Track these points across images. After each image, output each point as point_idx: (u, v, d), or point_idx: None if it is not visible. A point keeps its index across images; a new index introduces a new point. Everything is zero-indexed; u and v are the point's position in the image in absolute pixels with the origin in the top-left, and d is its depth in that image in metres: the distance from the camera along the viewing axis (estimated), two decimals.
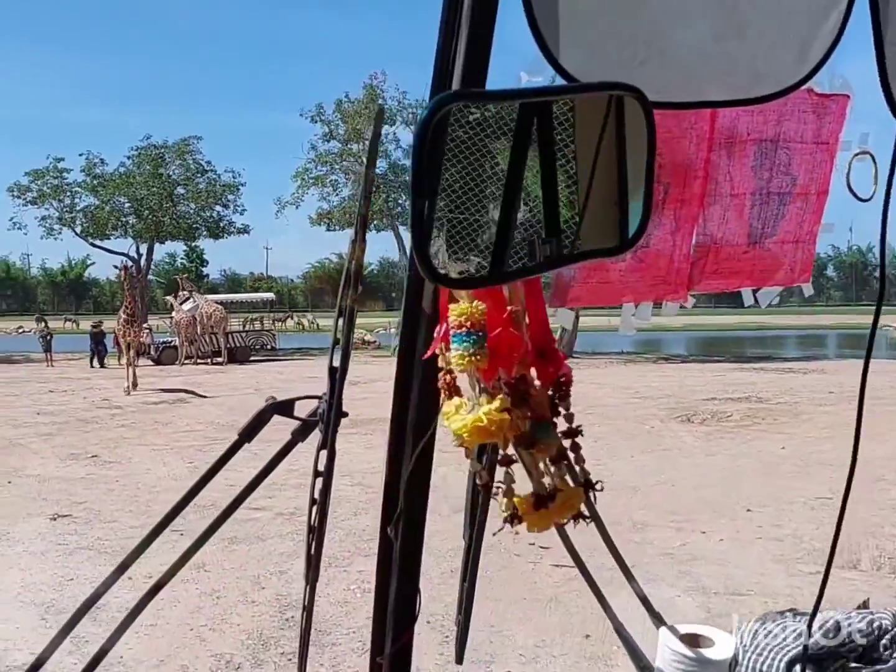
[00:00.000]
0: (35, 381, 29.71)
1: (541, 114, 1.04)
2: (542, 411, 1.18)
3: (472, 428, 1.08)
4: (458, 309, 1.09)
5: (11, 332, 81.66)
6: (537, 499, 1.16)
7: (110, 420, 18.96)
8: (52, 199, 43.88)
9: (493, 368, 1.13)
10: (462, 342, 1.09)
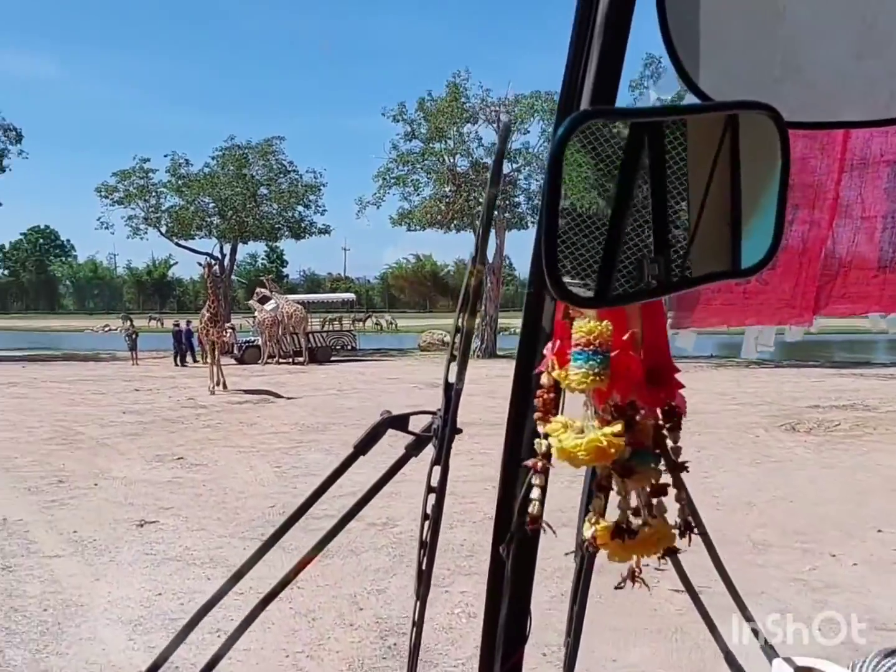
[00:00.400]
0: (120, 379, 29.99)
1: (652, 133, 1.03)
2: (644, 439, 1.13)
3: (591, 448, 1.05)
4: (587, 327, 1.06)
5: (98, 330, 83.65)
6: (616, 529, 1.11)
7: (195, 420, 18.81)
8: (139, 199, 44.42)
9: (609, 391, 1.09)
10: (587, 360, 1.06)
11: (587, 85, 1.16)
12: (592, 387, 1.06)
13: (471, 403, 21.86)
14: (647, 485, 1.12)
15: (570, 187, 1.03)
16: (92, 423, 18.27)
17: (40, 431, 16.98)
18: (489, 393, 20.45)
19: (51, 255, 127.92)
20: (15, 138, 42.92)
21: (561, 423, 1.11)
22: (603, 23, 1.12)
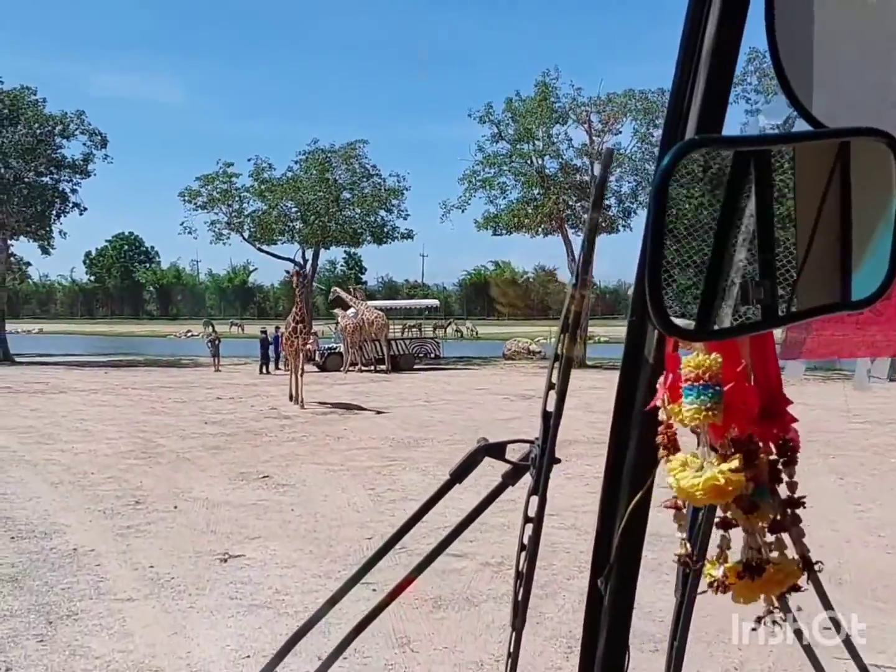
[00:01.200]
0: (202, 386, 29.34)
1: (758, 160, 1.01)
2: (762, 475, 1.09)
3: (708, 487, 1.02)
4: (695, 361, 1.04)
5: (181, 335, 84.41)
6: (745, 568, 1.08)
7: (280, 432, 17.82)
8: (222, 203, 43.98)
9: (725, 425, 1.06)
10: (699, 395, 1.03)
11: (693, 112, 1.13)
12: (706, 422, 1.04)
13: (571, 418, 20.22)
14: (766, 521, 1.09)
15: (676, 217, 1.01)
16: (172, 434, 17.42)
17: (119, 443, 16.15)
18: (586, 407, 19.16)
19: (135, 261, 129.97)
20: (100, 143, 42.91)
21: (681, 460, 1.08)
22: (710, 49, 1.10)
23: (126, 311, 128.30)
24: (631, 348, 1.28)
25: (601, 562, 1.34)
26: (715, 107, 1.13)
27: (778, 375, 1.14)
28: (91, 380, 31.98)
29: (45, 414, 20.79)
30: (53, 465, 13.86)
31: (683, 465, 1.07)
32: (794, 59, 1.04)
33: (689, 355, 1.05)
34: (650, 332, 1.23)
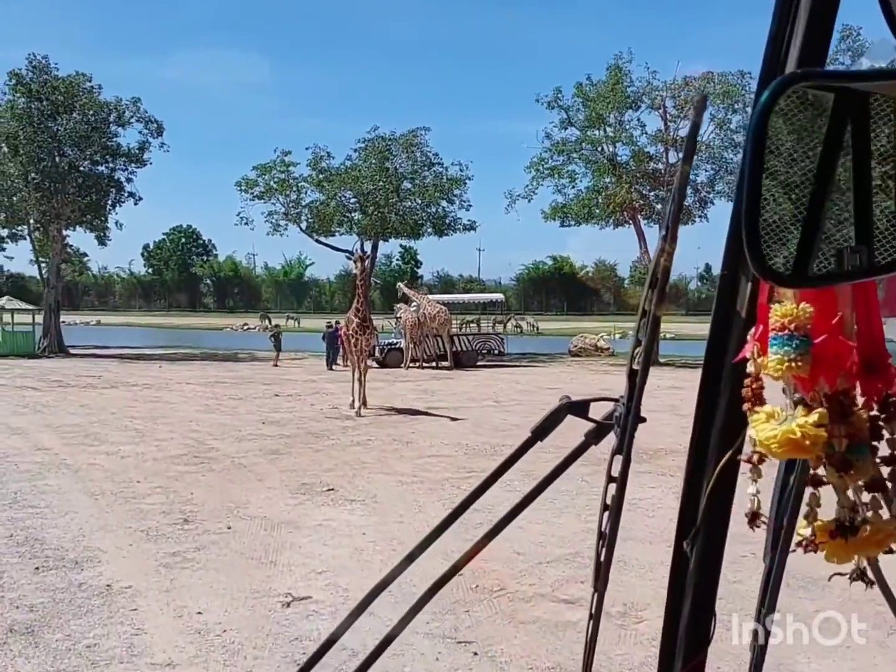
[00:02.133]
0: (259, 381, 28.05)
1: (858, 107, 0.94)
2: (861, 431, 1.05)
3: (783, 440, 1.00)
4: (782, 310, 1.01)
5: (237, 329, 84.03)
6: (837, 527, 1.04)
7: (342, 435, 16.33)
8: (279, 193, 42.61)
9: (813, 378, 1.02)
10: (783, 346, 1.01)
11: (793, 47, 1.06)
12: (789, 374, 1.02)
13: (658, 422, 17.74)
14: (866, 479, 1.05)
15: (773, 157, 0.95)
16: (227, 435, 16.04)
17: (170, 445, 14.81)
18: (673, 409, 17.40)
19: (192, 254, 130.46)
20: (156, 130, 41.80)
21: (766, 412, 1.05)
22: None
23: (183, 303, 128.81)
24: (722, 302, 1.23)
25: (687, 524, 1.28)
26: (817, 42, 1.06)
27: (881, 329, 1.09)
28: (145, 374, 30.92)
29: (94, 410, 19.60)
30: (97, 470, 12.52)
31: (768, 418, 1.03)
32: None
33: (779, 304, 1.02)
34: (743, 284, 1.18)
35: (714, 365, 1.23)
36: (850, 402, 1.05)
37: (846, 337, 1.05)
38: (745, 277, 1.15)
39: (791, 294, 1.02)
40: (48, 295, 42.28)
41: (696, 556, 1.28)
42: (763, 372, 1.05)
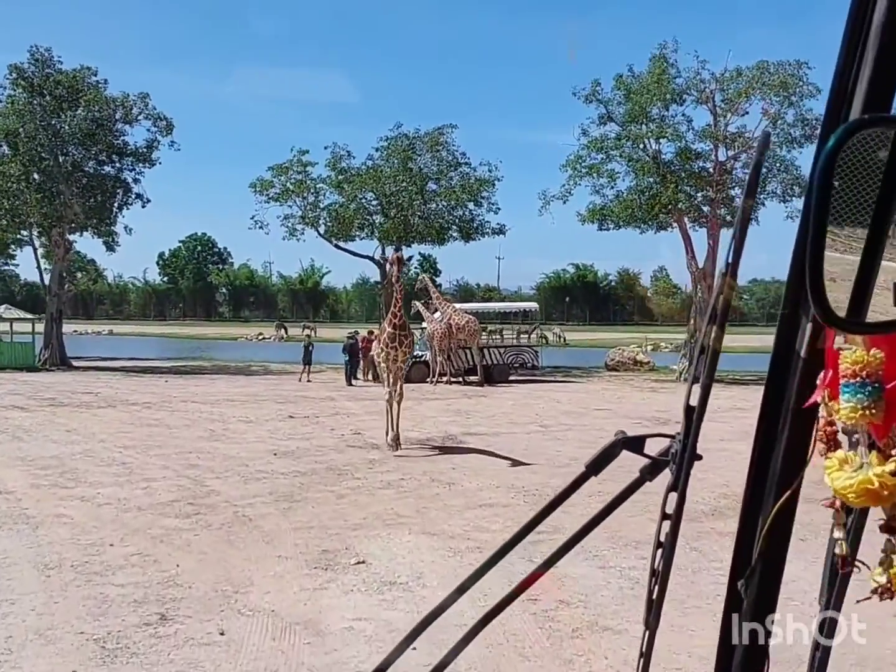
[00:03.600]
0: (272, 399, 25.35)
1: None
2: None
3: (860, 489, 0.99)
4: (853, 356, 1.01)
5: (252, 338, 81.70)
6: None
7: (369, 472, 13.59)
8: (296, 195, 39.69)
9: (887, 424, 1.02)
10: (856, 393, 1.00)
11: (859, 91, 1.07)
12: (863, 422, 1.01)
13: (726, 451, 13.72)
14: None
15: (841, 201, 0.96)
16: (231, 472, 13.38)
17: (161, 487, 12.14)
18: (742, 435, 14.61)
19: (208, 262, 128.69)
20: (165, 128, 39.09)
21: (839, 458, 1.05)
22: (881, 22, 1.04)
23: (199, 312, 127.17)
24: (782, 342, 1.24)
25: (742, 563, 1.30)
26: (883, 86, 1.07)
27: None
28: (148, 390, 28.28)
29: (81, 437, 16.94)
30: (62, 526, 9.85)
31: (841, 464, 1.03)
32: None
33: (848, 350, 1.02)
34: (803, 324, 1.18)
35: (773, 405, 1.24)
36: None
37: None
38: (805, 317, 1.14)
39: (860, 339, 1.02)
40: (50, 303, 39.69)
41: (750, 596, 1.28)
42: (836, 419, 1.04)
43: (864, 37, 1.05)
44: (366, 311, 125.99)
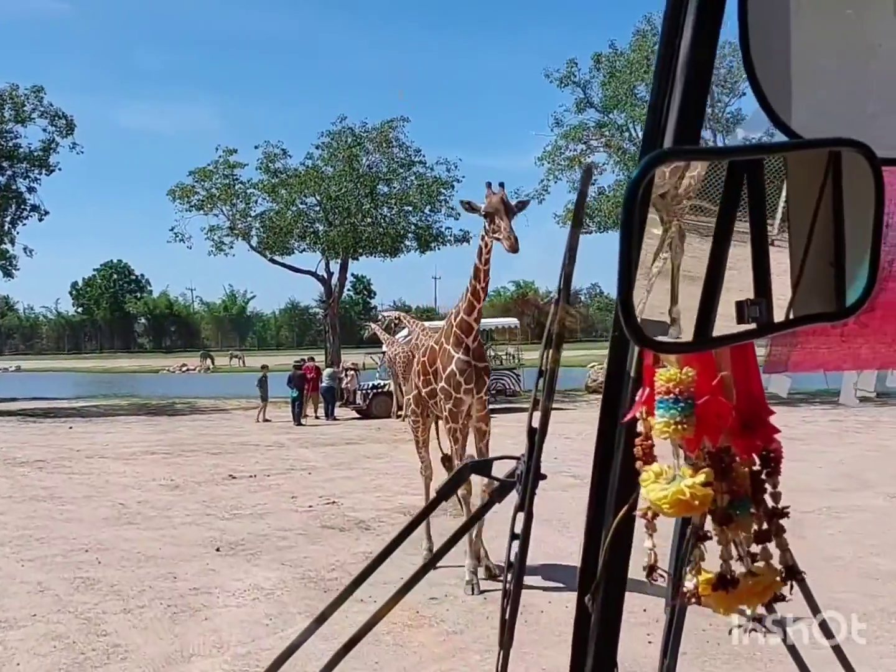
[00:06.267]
0: (204, 450, 19.82)
1: (751, 172, 1.04)
2: (742, 487, 1.12)
3: (673, 500, 1.04)
4: (667, 374, 1.05)
5: (175, 370, 76.15)
6: (718, 580, 1.09)
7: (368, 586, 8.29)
8: (222, 202, 34.13)
9: (698, 438, 1.08)
10: (669, 409, 1.05)
11: (670, 123, 1.14)
12: (676, 436, 1.06)
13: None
14: (748, 532, 1.12)
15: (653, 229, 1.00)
16: (150, 598, 8.06)
17: (16, 647, 6.75)
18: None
19: (125, 291, 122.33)
20: (65, 129, 33.14)
21: (654, 471, 1.09)
22: (685, 62, 1.12)
23: (117, 344, 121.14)
24: (614, 362, 1.30)
25: (588, 579, 1.34)
26: (690, 119, 1.14)
27: (760, 387, 1.16)
28: (45, 441, 22.37)
29: None
30: None
31: (656, 477, 1.07)
32: (771, 72, 1.05)
33: (663, 369, 1.06)
34: (632, 346, 1.24)
35: (608, 423, 1.29)
36: (731, 459, 1.10)
37: (726, 397, 1.09)
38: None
39: (674, 358, 1.06)
40: None
41: (597, 611, 1.33)
42: (649, 432, 1.09)
43: (672, 72, 1.11)
44: (296, 337, 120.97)
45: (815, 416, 22.53)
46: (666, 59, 1.13)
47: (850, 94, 1.13)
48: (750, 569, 1.09)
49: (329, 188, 33.61)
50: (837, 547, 8.77)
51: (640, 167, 0.92)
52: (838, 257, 1.04)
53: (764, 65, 1.04)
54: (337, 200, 33.54)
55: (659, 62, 1.14)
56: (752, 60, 1.04)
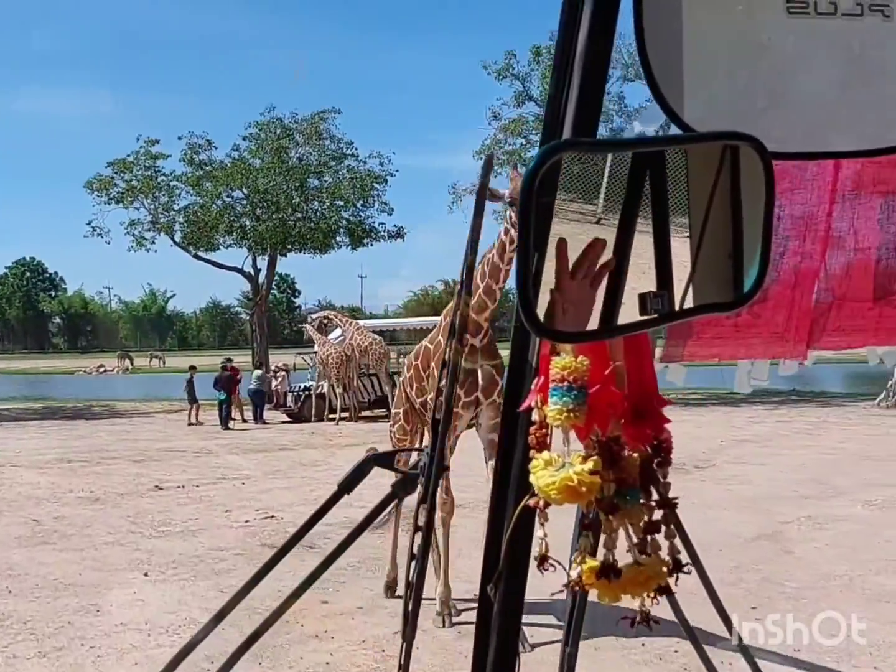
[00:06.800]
0: (127, 456, 18.54)
1: (654, 164, 1.05)
2: (630, 476, 1.12)
3: (561, 487, 1.04)
4: (562, 363, 1.05)
5: (92, 371, 73.85)
6: (602, 569, 1.09)
7: (349, 631, 7.37)
8: (144, 195, 32.52)
9: (588, 426, 1.08)
10: (562, 397, 1.05)
11: (568, 115, 1.15)
12: (568, 423, 1.06)
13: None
14: (635, 522, 1.11)
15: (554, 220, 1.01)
16: (64, 627, 7.09)
17: None
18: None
19: (38, 289, 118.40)
20: None
21: (545, 459, 1.09)
22: (583, 53, 1.12)
23: (30, 344, 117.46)
24: (517, 353, 1.29)
25: (491, 568, 1.34)
26: (588, 111, 1.15)
27: (653, 377, 1.16)
28: None
29: None
30: None
31: (546, 465, 1.07)
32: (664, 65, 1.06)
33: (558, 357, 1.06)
34: (533, 336, 1.24)
35: (511, 413, 1.30)
36: (620, 448, 1.09)
37: (618, 386, 1.09)
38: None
39: (569, 347, 1.05)
40: None
41: (499, 600, 1.33)
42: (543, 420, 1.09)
43: (570, 64, 1.11)
44: (218, 337, 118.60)
45: (761, 416, 22.33)
46: (564, 50, 1.14)
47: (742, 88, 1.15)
48: (637, 559, 1.09)
49: (257, 181, 32.36)
50: (831, 563, 8.11)
51: (536, 158, 0.91)
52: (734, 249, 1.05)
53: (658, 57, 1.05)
54: (265, 194, 32.29)
55: (557, 53, 1.15)
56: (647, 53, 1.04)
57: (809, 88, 1.16)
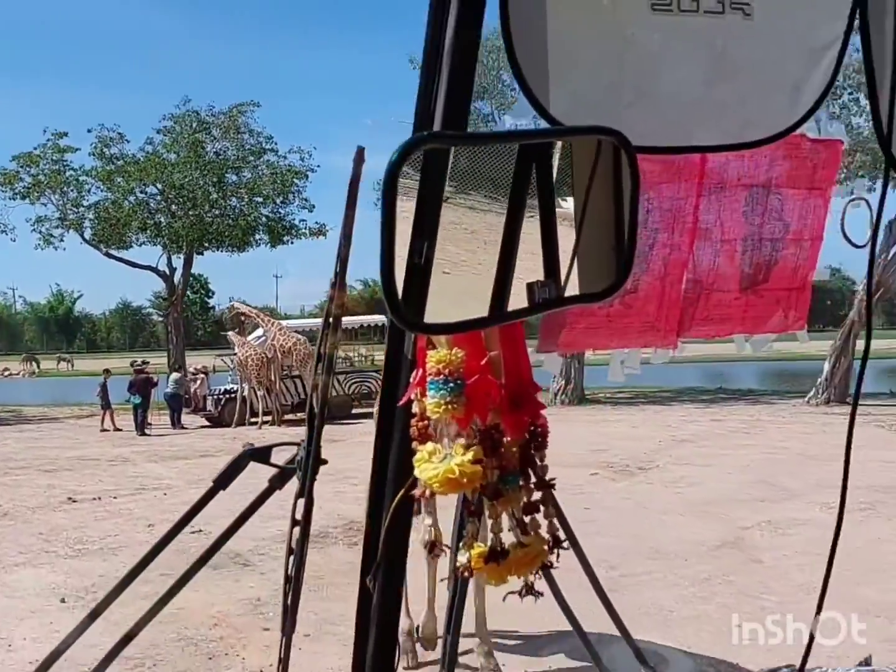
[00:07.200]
0: (37, 466, 17.45)
1: (540, 158, 1.05)
2: (511, 462, 1.15)
3: (444, 479, 1.05)
4: (437, 356, 1.07)
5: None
6: (490, 553, 1.13)
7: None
8: (51, 190, 30.92)
9: (468, 416, 1.11)
10: (439, 389, 1.07)
11: (438, 109, 1.15)
12: (446, 415, 1.07)
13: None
14: (516, 504, 1.15)
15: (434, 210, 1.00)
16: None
17: None
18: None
19: None
20: None
21: (428, 451, 1.10)
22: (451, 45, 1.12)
23: None
24: (393, 346, 1.32)
25: (370, 561, 1.33)
26: (457, 104, 1.15)
27: (528, 366, 1.19)
28: None
29: None
30: None
31: (430, 456, 1.09)
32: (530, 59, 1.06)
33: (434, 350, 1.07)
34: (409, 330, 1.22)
35: (388, 406, 1.32)
36: (500, 435, 1.14)
37: (495, 376, 1.14)
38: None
39: (444, 340, 1.08)
40: None
41: (378, 591, 1.33)
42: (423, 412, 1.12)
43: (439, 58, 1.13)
44: (129, 339, 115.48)
45: (694, 415, 22.27)
46: (433, 44, 1.15)
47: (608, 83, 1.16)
48: (520, 539, 1.13)
49: (172, 176, 31.25)
50: (805, 573, 7.74)
51: (398, 150, 0.90)
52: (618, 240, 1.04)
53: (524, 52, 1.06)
54: (181, 189, 31.22)
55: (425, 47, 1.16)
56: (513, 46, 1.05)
57: (674, 84, 1.19)
